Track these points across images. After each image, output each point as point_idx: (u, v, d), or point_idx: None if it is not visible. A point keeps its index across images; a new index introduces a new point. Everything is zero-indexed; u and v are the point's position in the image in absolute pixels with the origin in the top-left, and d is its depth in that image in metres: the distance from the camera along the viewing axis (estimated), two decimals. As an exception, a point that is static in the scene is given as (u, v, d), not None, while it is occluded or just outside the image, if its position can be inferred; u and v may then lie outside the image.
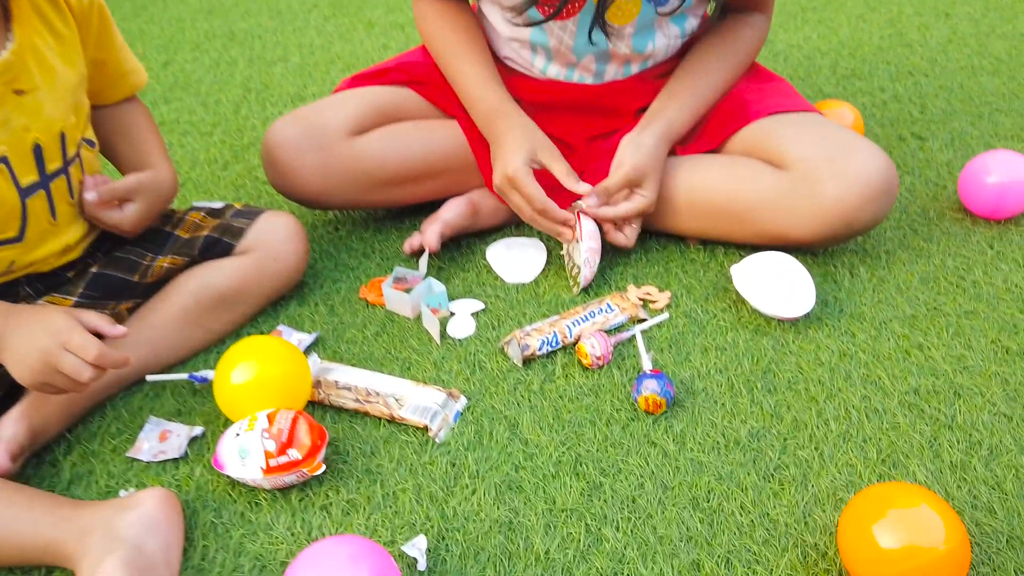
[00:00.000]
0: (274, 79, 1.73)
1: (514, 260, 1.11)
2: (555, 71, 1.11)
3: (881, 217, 0.98)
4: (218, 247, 0.98)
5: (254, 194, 1.30)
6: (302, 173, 1.07)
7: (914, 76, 1.63)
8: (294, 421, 0.78)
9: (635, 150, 1.02)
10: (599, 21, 1.01)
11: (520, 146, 1.01)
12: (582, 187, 1.01)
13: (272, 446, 0.76)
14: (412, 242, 1.11)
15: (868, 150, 0.96)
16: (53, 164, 0.84)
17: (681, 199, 1.06)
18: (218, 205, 1.03)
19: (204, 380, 0.90)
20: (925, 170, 1.28)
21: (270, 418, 0.78)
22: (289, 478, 0.77)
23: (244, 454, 0.77)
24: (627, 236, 1.05)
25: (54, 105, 0.83)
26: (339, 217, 1.23)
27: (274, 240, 1.00)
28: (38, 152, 0.82)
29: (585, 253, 1.00)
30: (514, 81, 1.15)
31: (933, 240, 1.11)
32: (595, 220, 1.03)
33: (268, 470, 0.76)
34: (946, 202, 1.20)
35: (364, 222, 1.22)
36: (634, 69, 1.11)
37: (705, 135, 1.09)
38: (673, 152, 1.08)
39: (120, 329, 0.80)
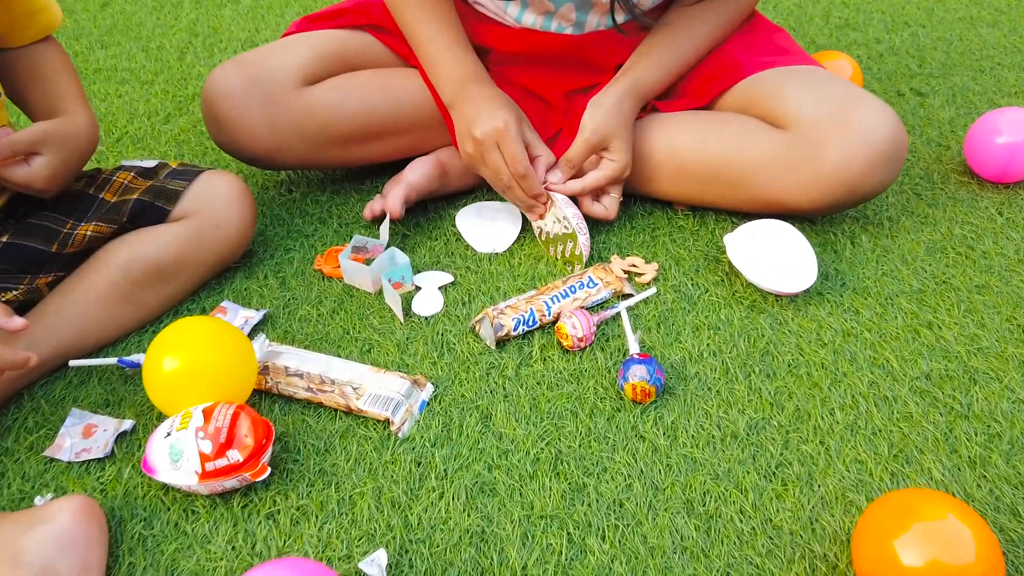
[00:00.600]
0: (223, 22, 1.58)
1: (487, 227, 1.01)
2: (531, 19, 1.00)
3: (889, 182, 0.89)
4: (150, 212, 0.86)
5: (199, 151, 1.18)
6: (247, 128, 0.95)
7: (911, 27, 1.53)
8: (234, 417, 0.68)
9: (595, 111, 0.91)
10: None
11: (507, 105, 0.90)
12: (554, 175, 0.92)
13: (208, 447, 0.66)
14: (373, 206, 1.00)
15: (876, 108, 0.87)
16: None
17: (666, 161, 0.96)
18: (150, 164, 0.91)
19: (136, 365, 0.79)
20: (927, 129, 1.20)
21: (206, 414, 0.68)
22: (229, 483, 0.67)
23: (176, 456, 0.67)
24: (606, 207, 0.95)
25: None
26: (292, 178, 1.12)
27: (215, 204, 0.88)
28: None
29: (575, 220, 0.90)
30: (485, 29, 1.03)
31: (938, 206, 1.03)
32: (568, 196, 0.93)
33: (204, 475, 0.66)
34: (950, 164, 1.12)
35: (320, 184, 1.10)
36: (619, 19, 1.00)
37: (689, 91, 0.98)
38: (655, 110, 0.98)
39: (18, 322, 0.68)
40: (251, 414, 0.69)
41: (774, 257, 0.88)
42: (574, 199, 0.94)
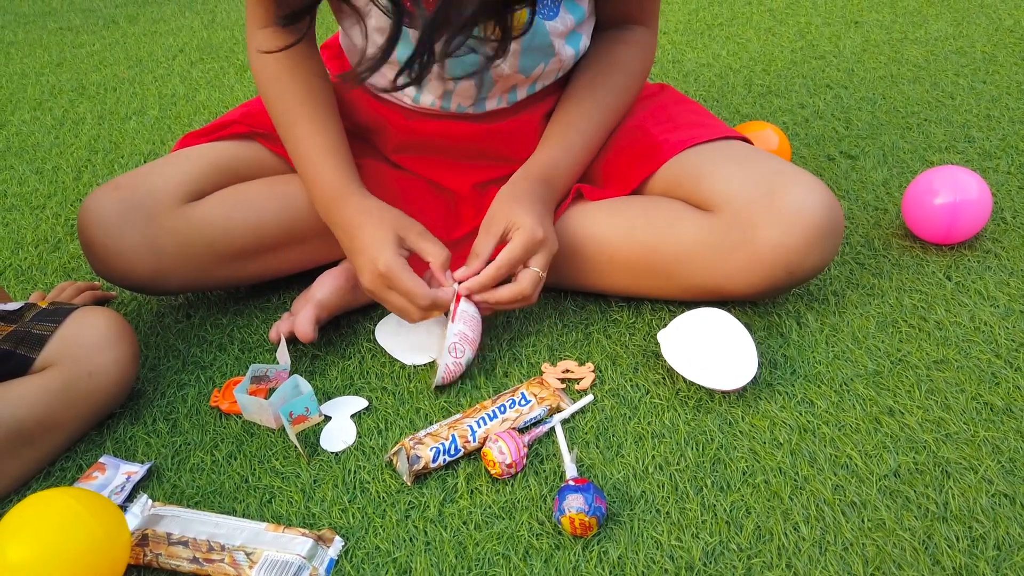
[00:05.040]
0: (126, 136, 1.50)
1: (409, 336, 0.92)
2: (429, 99, 0.93)
3: (827, 261, 0.83)
4: (9, 363, 0.76)
5: (90, 279, 1.07)
6: (128, 254, 0.86)
7: (833, 89, 1.52)
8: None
9: (498, 197, 0.85)
10: None
11: (382, 233, 0.81)
12: (461, 280, 0.83)
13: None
14: (280, 327, 0.90)
15: (807, 185, 0.81)
16: None
17: (594, 252, 0.89)
18: (14, 306, 0.81)
19: (-9, 548, 0.67)
20: (862, 193, 1.15)
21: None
22: None
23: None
24: (518, 281, 0.83)
25: None
26: (191, 301, 1.02)
27: (87, 348, 0.78)
28: None
29: (452, 338, 0.81)
30: (384, 113, 0.97)
31: (884, 275, 0.97)
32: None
33: None
34: (889, 227, 1.07)
35: (221, 304, 1.01)
36: (520, 94, 0.94)
37: (613, 178, 0.92)
38: (580, 197, 0.91)
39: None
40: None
41: (712, 351, 0.80)
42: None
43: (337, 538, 0.68)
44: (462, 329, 0.81)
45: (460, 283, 0.83)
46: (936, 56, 1.63)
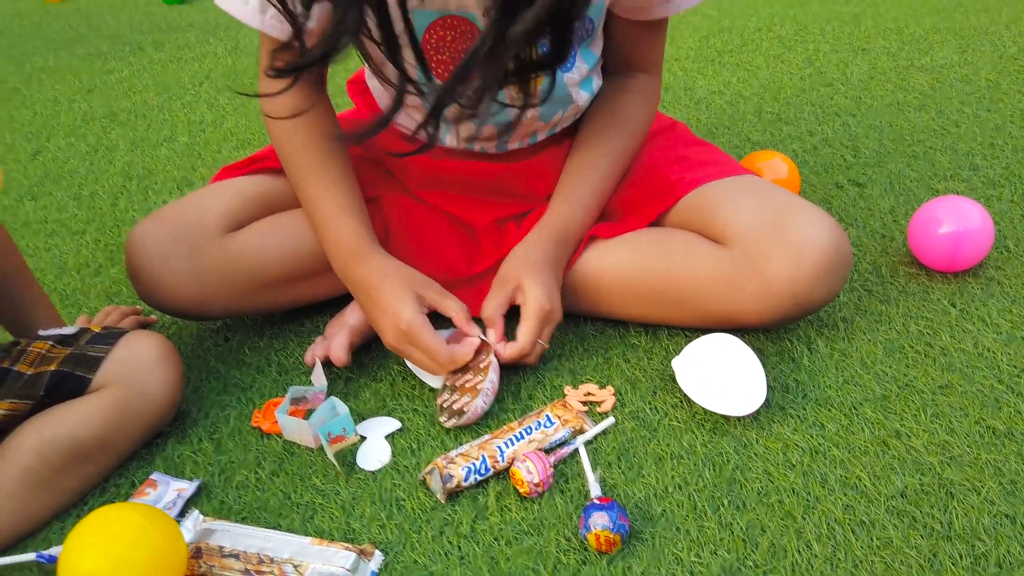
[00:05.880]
0: (159, 163, 1.56)
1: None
2: (453, 139, 0.99)
3: (836, 292, 0.87)
4: (68, 384, 0.81)
5: (131, 303, 1.13)
6: (171, 282, 0.91)
7: (841, 117, 1.56)
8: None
9: (508, 258, 0.92)
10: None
11: (402, 291, 0.86)
12: (489, 335, 0.89)
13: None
14: (315, 351, 0.95)
15: (815, 217, 0.86)
16: None
17: (612, 282, 0.94)
18: (70, 331, 0.86)
19: (55, 560, 0.72)
20: (869, 220, 1.20)
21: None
22: None
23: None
24: (519, 340, 0.89)
25: None
26: (229, 325, 1.07)
27: (139, 369, 0.82)
28: None
29: (488, 384, 0.86)
30: (407, 148, 1.02)
31: (891, 301, 1.02)
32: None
33: None
34: (896, 255, 1.11)
35: (258, 328, 1.06)
36: (540, 136, 1.00)
37: (628, 215, 0.97)
38: (595, 238, 0.96)
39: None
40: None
41: (724, 377, 0.85)
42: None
43: (377, 552, 0.73)
44: (493, 379, 0.87)
45: (481, 339, 0.88)
46: (942, 84, 1.67)
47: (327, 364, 0.96)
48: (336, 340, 0.93)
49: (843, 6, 2.28)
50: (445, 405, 0.88)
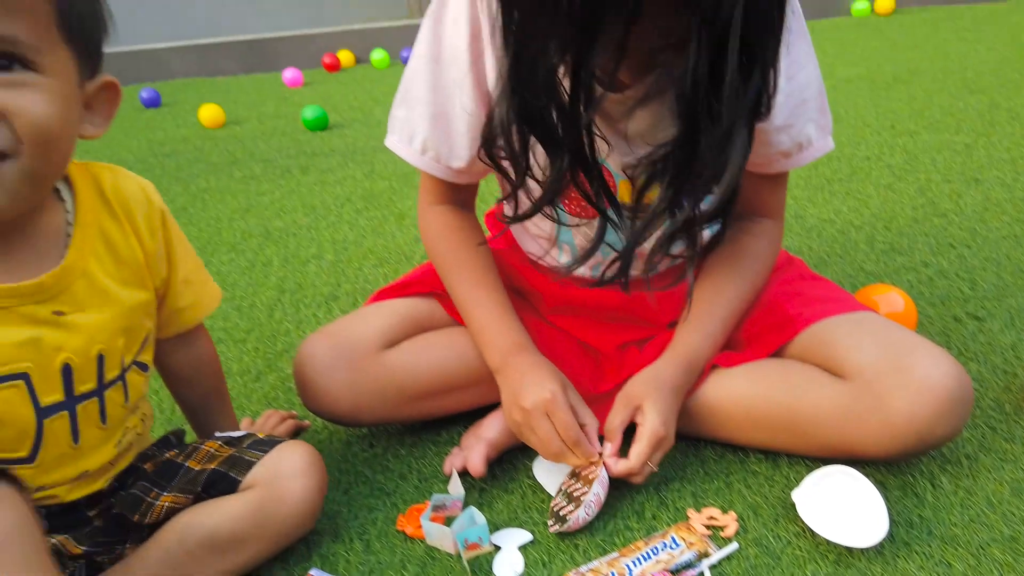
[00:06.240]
0: (308, 278, 1.74)
1: (562, 474, 1.03)
2: (582, 268, 1.09)
3: (958, 430, 0.90)
4: (224, 482, 0.89)
5: (287, 407, 1.26)
6: (333, 391, 1.04)
7: (956, 248, 1.59)
8: None
9: (632, 379, 0.98)
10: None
11: (553, 375, 0.96)
12: (604, 448, 0.95)
13: None
14: (454, 462, 1.04)
15: (936, 356, 0.90)
16: (85, 385, 0.79)
17: (732, 410, 1.00)
18: (237, 434, 0.97)
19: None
20: (990, 356, 1.21)
21: None
22: None
23: None
24: (628, 459, 0.94)
25: (98, 328, 0.78)
26: (374, 432, 1.18)
27: (282, 476, 0.88)
28: (67, 372, 0.77)
29: (592, 496, 0.91)
30: (538, 277, 1.13)
31: (1016, 440, 1.02)
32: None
33: None
34: (1020, 392, 1.12)
35: (399, 436, 1.16)
36: (661, 267, 1.09)
37: (748, 346, 1.04)
38: (715, 367, 1.03)
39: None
40: None
41: (846, 508, 0.87)
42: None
43: (515, 659, 0.79)
44: (599, 492, 0.93)
45: (601, 454, 0.95)
46: (1061, 217, 1.68)
47: (463, 474, 1.04)
48: (474, 452, 1.02)
49: (954, 135, 2.32)
50: (555, 509, 0.94)
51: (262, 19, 5.54)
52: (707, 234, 1.06)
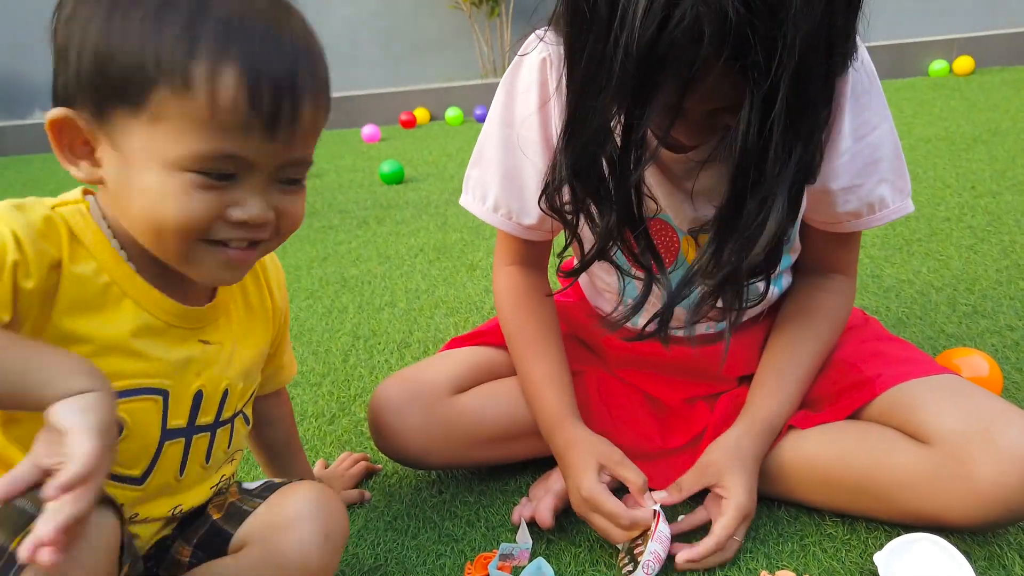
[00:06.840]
0: (382, 325, 1.79)
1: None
2: (645, 321, 1.09)
3: (1050, 501, 0.86)
4: (217, 540, 0.82)
5: (359, 450, 1.28)
6: (405, 433, 1.07)
7: (1044, 312, 1.53)
8: None
9: (713, 446, 0.98)
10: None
11: (586, 462, 0.97)
12: (662, 502, 0.96)
13: None
14: (523, 512, 1.05)
15: (1023, 422, 0.87)
16: (205, 417, 0.81)
17: (808, 472, 0.98)
18: (253, 486, 0.89)
19: None
20: (1083, 425, 1.15)
21: None
22: None
23: None
24: (716, 537, 0.92)
25: (228, 364, 0.82)
26: (442, 477, 1.19)
27: (281, 527, 0.79)
28: (197, 399, 0.79)
29: (648, 555, 0.90)
30: (605, 332, 1.14)
31: (1114, 515, 0.97)
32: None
33: None
34: (1118, 465, 1.06)
35: (468, 483, 1.17)
36: (700, 328, 1.09)
37: (825, 408, 1.02)
38: (792, 429, 1.02)
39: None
40: None
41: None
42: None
43: None
44: (657, 549, 0.91)
45: (659, 503, 0.95)
46: None
47: (531, 524, 1.04)
48: (543, 503, 1.02)
49: (1040, 197, 2.25)
50: (620, 565, 0.94)
51: (343, 78, 5.81)
52: (775, 291, 1.06)
